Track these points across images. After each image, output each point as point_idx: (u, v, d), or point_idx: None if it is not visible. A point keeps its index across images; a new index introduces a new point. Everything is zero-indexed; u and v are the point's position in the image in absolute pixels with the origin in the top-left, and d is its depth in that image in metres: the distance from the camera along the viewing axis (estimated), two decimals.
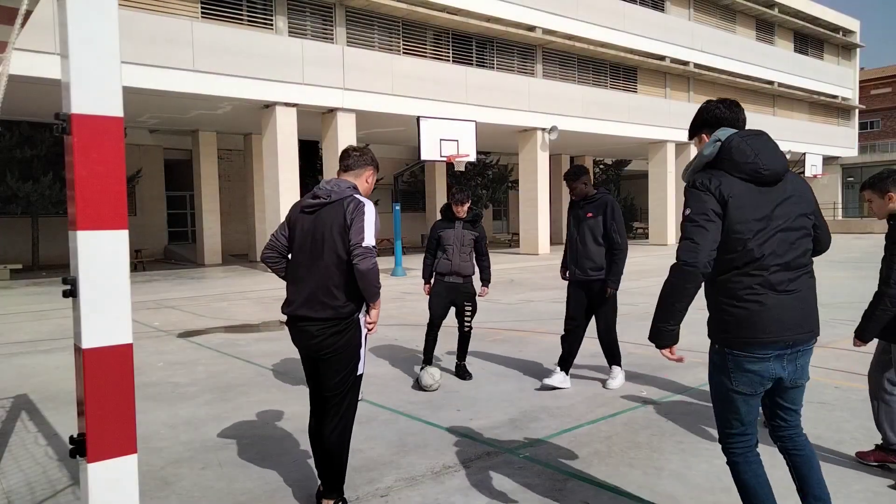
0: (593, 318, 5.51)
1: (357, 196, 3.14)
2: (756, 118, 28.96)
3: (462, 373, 5.90)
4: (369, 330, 3.20)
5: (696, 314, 2.78)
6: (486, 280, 5.94)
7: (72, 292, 2.19)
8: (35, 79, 11.96)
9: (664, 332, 2.52)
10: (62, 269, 17.69)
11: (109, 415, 2.21)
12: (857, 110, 37.44)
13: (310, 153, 23.10)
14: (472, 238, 5.74)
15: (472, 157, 16.23)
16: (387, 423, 4.55)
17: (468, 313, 5.78)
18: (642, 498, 3.30)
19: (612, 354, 5.52)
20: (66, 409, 5.03)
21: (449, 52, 20.04)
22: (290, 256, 3.27)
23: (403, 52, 18.89)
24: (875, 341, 3.67)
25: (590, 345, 6.93)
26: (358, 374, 3.20)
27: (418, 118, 15.30)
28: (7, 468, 3.90)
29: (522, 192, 22.21)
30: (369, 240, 3.02)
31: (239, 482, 3.62)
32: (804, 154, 27.85)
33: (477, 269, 5.83)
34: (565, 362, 5.45)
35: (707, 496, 3.31)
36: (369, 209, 3.08)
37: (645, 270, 16.18)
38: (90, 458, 2.19)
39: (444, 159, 15.53)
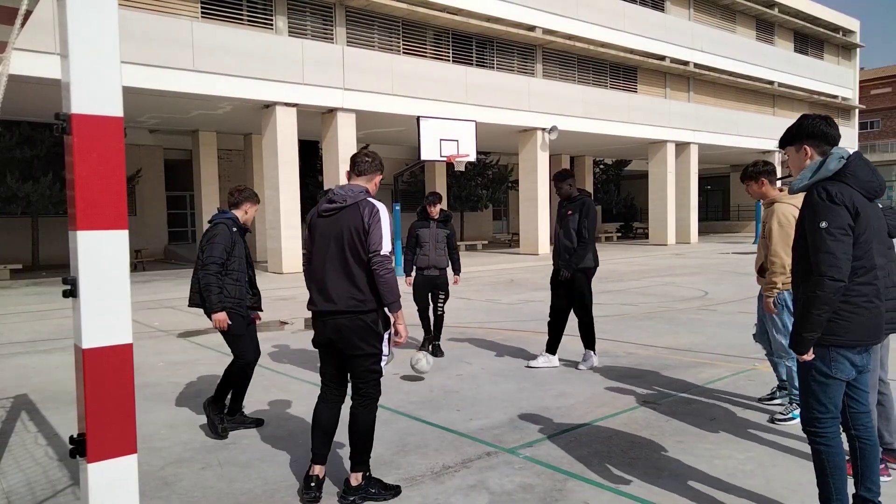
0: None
1: (371, 200, 3.36)
2: (756, 118, 29.03)
3: (436, 351, 6.69)
4: (397, 343, 3.46)
5: (697, 314, 2.77)
6: (457, 270, 6.91)
7: (72, 292, 2.19)
8: (35, 79, 11.96)
9: (809, 341, 2.67)
10: (62, 269, 17.68)
11: (109, 415, 2.21)
12: (857, 110, 37.45)
13: (310, 153, 23.10)
14: (444, 235, 6.70)
15: (472, 157, 16.24)
16: (387, 423, 4.55)
17: (441, 300, 6.74)
18: (642, 498, 3.30)
19: (588, 336, 6.11)
20: (66, 409, 5.03)
21: (449, 52, 20.04)
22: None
23: (403, 52, 18.90)
24: None
25: None
26: (383, 363, 3.48)
27: (418, 118, 15.31)
28: (7, 468, 3.90)
29: (522, 192, 22.21)
30: (386, 247, 3.27)
31: (239, 482, 3.62)
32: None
33: (449, 261, 6.81)
34: (551, 347, 6.22)
35: (707, 496, 3.31)
36: (384, 214, 3.33)
37: (646, 270, 16.18)
38: (90, 459, 2.19)
39: (444, 159, 15.54)
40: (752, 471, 3.60)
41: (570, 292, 6.05)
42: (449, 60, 19.92)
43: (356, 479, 3.35)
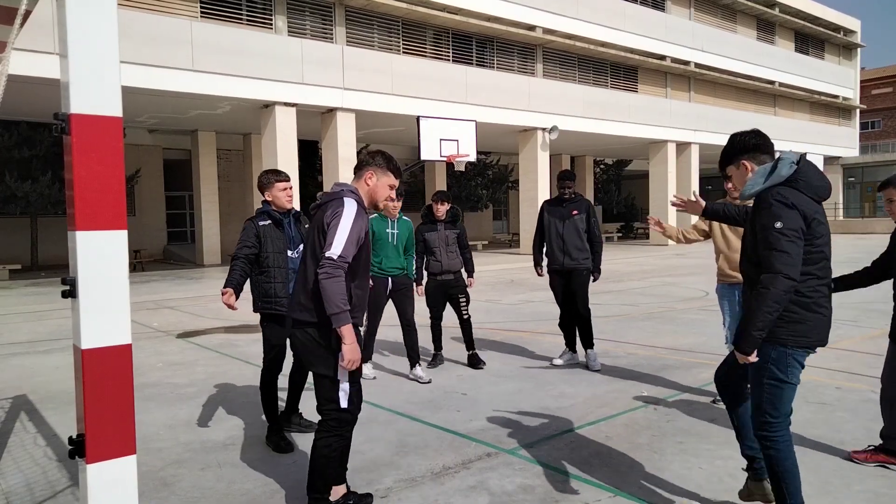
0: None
1: (345, 198, 2.96)
2: (757, 118, 29.01)
3: (475, 362, 6.26)
4: (343, 367, 2.90)
5: (698, 314, 2.77)
6: (470, 271, 6.45)
7: (71, 292, 2.18)
8: (35, 79, 11.95)
9: (756, 339, 2.68)
10: (62, 269, 17.67)
11: (108, 415, 2.20)
12: (857, 110, 37.42)
13: (309, 153, 23.10)
14: (455, 236, 6.26)
15: (472, 157, 16.22)
16: (386, 424, 4.55)
17: (464, 303, 6.28)
18: (642, 499, 3.29)
19: (590, 335, 6.12)
20: (66, 409, 5.03)
21: (449, 52, 20.03)
22: None
23: (403, 52, 18.88)
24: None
25: None
26: (341, 406, 2.96)
27: (418, 118, 15.29)
28: (6, 469, 3.89)
29: (522, 192, 22.20)
30: (336, 249, 2.80)
31: (238, 483, 3.61)
32: (805, 154, 27.84)
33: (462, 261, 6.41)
34: (570, 344, 6.32)
35: (708, 497, 3.30)
36: (348, 212, 2.88)
37: (646, 271, 16.18)
38: (89, 459, 2.18)
39: (444, 159, 15.51)
40: None
41: (572, 292, 6.14)
42: (449, 60, 19.91)
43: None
